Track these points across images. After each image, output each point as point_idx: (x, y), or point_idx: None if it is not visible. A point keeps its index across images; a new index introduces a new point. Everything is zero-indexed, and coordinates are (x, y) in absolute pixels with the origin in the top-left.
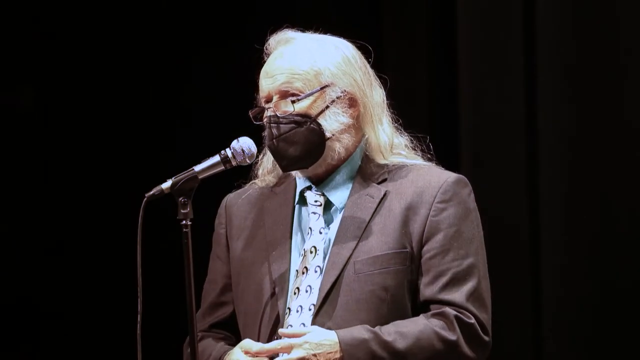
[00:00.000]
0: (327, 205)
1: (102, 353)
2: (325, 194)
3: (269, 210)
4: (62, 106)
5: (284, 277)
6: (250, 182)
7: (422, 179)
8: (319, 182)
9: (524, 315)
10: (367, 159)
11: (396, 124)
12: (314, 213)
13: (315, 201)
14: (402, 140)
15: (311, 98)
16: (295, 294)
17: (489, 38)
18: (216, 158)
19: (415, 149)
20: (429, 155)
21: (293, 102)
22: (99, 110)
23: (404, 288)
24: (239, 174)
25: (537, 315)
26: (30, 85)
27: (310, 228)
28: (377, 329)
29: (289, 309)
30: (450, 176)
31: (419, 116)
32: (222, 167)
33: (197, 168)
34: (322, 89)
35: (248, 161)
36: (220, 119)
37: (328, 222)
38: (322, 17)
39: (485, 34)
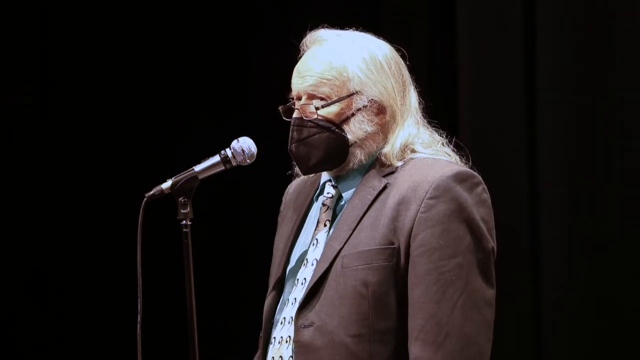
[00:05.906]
0: (340, 198)
1: (102, 353)
2: (339, 186)
3: (298, 200)
4: (62, 106)
5: (280, 269)
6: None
7: (420, 173)
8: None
9: (523, 316)
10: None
11: (433, 125)
12: (324, 205)
13: (328, 193)
14: (436, 137)
15: (337, 104)
16: (302, 284)
17: (489, 38)
18: (216, 158)
19: (454, 149)
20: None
21: (317, 108)
22: (99, 110)
23: (388, 285)
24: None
25: (537, 316)
26: (30, 85)
27: (318, 220)
28: None
29: (287, 299)
30: (450, 170)
31: None
32: (222, 167)
33: (197, 168)
34: (349, 96)
35: (248, 161)
36: (220, 119)
37: (337, 214)
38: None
39: (485, 34)
